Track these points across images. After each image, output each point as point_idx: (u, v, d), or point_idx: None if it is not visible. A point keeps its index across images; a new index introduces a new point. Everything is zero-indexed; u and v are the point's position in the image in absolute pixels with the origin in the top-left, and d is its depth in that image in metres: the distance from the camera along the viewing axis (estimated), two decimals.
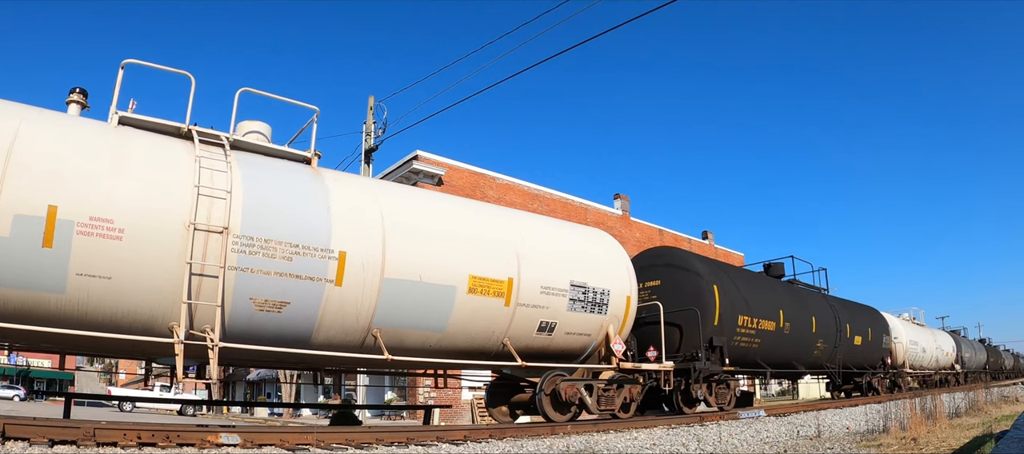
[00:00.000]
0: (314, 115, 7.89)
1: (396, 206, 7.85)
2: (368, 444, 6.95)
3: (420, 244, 7.77)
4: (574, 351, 9.95)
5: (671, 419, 11.00)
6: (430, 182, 25.47)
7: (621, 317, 10.32)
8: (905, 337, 22.96)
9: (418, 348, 8.04)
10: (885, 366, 21.05)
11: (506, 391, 10.73)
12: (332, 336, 7.28)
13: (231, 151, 7.06)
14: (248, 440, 6.24)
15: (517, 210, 9.91)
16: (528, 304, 8.77)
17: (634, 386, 10.64)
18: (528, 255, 8.90)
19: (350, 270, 7.10)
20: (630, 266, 10.83)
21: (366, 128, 21.76)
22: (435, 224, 8.12)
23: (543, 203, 30.64)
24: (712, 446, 9.32)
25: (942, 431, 10.94)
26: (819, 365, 17.44)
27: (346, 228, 7.18)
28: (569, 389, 9.35)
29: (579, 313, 9.51)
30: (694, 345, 12.12)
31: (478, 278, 8.17)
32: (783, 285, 16.60)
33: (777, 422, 11.68)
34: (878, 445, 9.62)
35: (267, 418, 32.62)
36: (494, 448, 7.46)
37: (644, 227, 36.59)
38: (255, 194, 6.78)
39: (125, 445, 5.63)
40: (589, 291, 9.65)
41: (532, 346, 9.19)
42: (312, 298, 6.92)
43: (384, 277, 7.35)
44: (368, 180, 8.24)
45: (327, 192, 7.32)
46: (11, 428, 5.40)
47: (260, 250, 6.61)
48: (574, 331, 9.58)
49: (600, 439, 8.56)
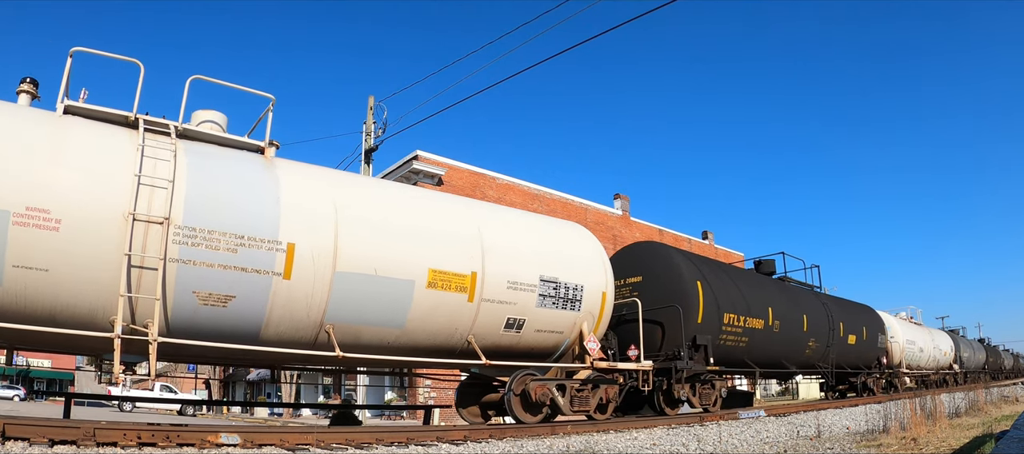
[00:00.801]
0: (270, 104, 7.63)
1: (351, 197, 7.58)
2: (368, 444, 6.94)
3: (375, 236, 7.50)
4: (546, 349, 9.65)
5: (671, 419, 10.93)
6: (430, 182, 25.36)
7: (596, 314, 9.98)
8: (902, 336, 22.56)
9: (376, 345, 7.78)
10: (881, 366, 20.64)
11: (477, 391, 10.45)
12: (282, 332, 7.04)
13: (179, 140, 6.86)
14: (248, 440, 6.22)
15: (482, 201, 9.56)
16: (493, 300, 8.48)
17: (611, 386, 10.31)
18: (493, 248, 8.60)
19: (299, 263, 6.87)
20: (606, 260, 10.48)
21: (366, 128, 21.72)
22: (392, 216, 7.84)
23: (543, 203, 30.50)
24: (712, 446, 9.27)
25: (942, 431, 10.90)
26: (811, 365, 17.05)
27: (296, 219, 6.94)
28: (539, 389, 9.02)
29: (550, 309, 9.20)
30: (676, 344, 11.76)
31: (438, 272, 7.90)
32: (773, 282, 16.23)
33: (777, 422, 11.65)
34: (878, 445, 9.57)
35: (267, 418, 32.62)
36: (494, 448, 7.44)
37: (644, 227, 36.39)
38: (200, 184, 6.56)
39: (125, 445, 5.62)
40: (560, 286, 9.33)
41: (500, 344, 8.91)
42: (259, 292, 6.69)
43: (336, 270, 7.10)
44: (324, 170, 7.94)
45: (277, 182, 7.07)
46: (11, 428, 5.40)
47: (203, 242, 6.40)
48: (545, 328, 9.27)
49: (600, 439, 8.54)
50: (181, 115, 7.00)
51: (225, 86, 7.50)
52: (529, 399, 8.93)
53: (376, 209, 7.74)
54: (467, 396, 10.54)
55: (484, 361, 8.39)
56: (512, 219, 9.65)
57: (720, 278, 13.49)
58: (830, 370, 17.49)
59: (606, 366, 10.05)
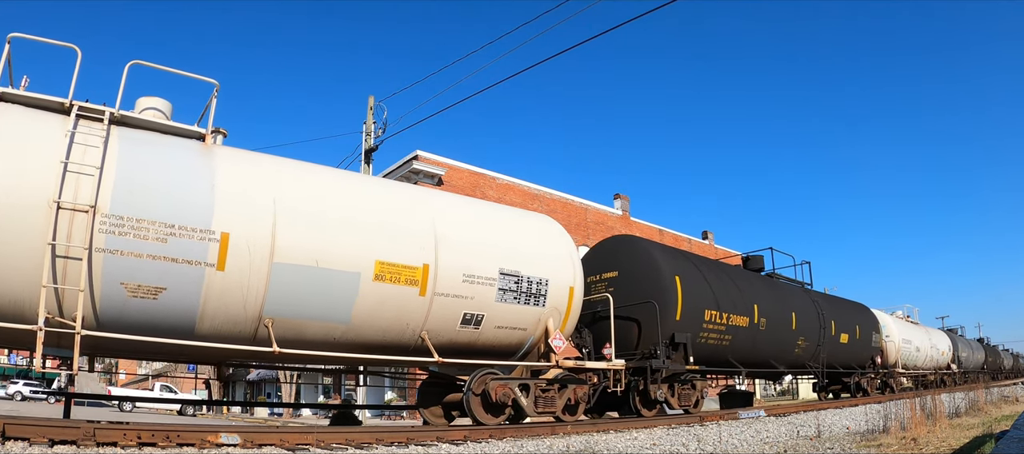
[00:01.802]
0: (214, 89, 7.37)
1: (292, 184, 7.30)
2: (368, 444, 6.91)
3: (317, 226, 7.20)
4: (509, 347, 9.30)
5: (671, 419, 10.89)
6: (430, 182, 25.25)
7: (563, 310, 9.60)
8: (897, 335, 22.07)
9: (322, 341, 7.49)
10: (875, 366, 20.16)
11: (440, 390, 10.09)
12: (219, 326, 6.78)
13: (115, 127, 6.62)
14: (248, 440, 6.19)
15: (438, 191, 9.16)
16: (448, 293, 8.15)
17: (580, 387, 9.93)
18: (448, 239, 8.28)
19: (234, 253, 6.59)
20: (575, 254, 10.11)
21: (366, 128, 21.67)
22: (337, 204, 7.54)
23: (543, 203, 30.35)
24: (712, 446, 9.24)
25: (942, 431, 10.82)
26: (801, 364, 16.55)
27: (231, 208, 6.67)
28: (500, 389, 8.66)
29: (511, 305, 8.84)
30: (653, 342, 11.33)
31: (386, 264, 7.59)
32: (759, 279, 15.73)
33: (777, 422, 11.61)
34: (878, 445, 9.54)
35: (267, 418, 32.58)
36: (494, 448, 7.40)
37: (644, 227, 36.16)
38: (130, 171, 6.32)
39: (125, 445, 5.60)
40: (522, 280, 8.97)
41: (457, 341, 8.59)
42: (191, 284, 6.44)
43: (274, 261, 6.81)
44: (266, 157, 7.63)
45: (213, 170, 6.80)
46: (11, 428, 5.38)
47: (131, 231, 6.15)
48: (506, 325, 8.91)
49: (600, 439, 8.53)
50: (118, 101, 6.74)
51: (167, 71, 7.25)
52: (489, 399, 8.61)
53: (319, 197, 7.44)
54: (429, 395, 10.21)
55: (437, 359, 8.07)
56: (470, 209, 9.31)
57: (702, 274, 13.04)
58: (821, 370, 17.01)
59: (573, 365, 9.66)
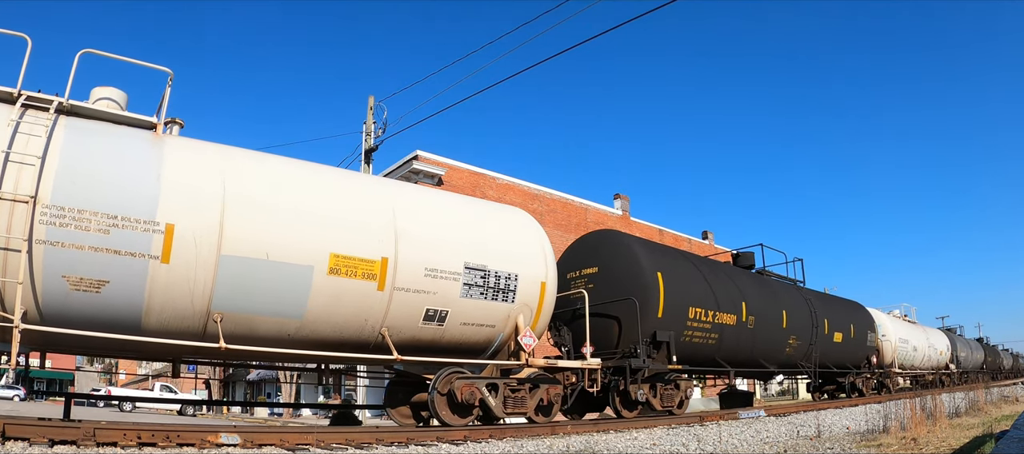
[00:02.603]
0: (169, 78, 7.19)
1: (243, 174, 7.08)
2: (368, 444, 6.91)
3: (268, 217, 6.98)
4: (476, 345, 9.03)
5: (671, 419, 10.80)
6: (430, 182, 25.15)
7: (534, 306, 9.29)
8: (894, 335, 21.65)
9: (275, 337, 7.26)
10: (871, 365, 19.73)
11: (408, 390, 9.80)
12: (166, 321, 6.59)
13: (63, 117, 6.47)
14: (248, 440, 6.18)
15: (399, 182, 8.84)
16: (409, 288, 7.90)
17: (553, 387, 9.62)
18: (409, 232, 8.03)
19: (179, 245, 6.40)
20: (547, 248, 9.81)
21: (366, 128, 21.62)
22: (289, 194, 7.31)
23: (543, 203, 30.22)
24: (712, 446, 9.24)
25: (942, 431, 10.87)
26: (793, 364, 16.13)
27: (177, 198, 6.48)
28: (466, 389, 8.39)
29: (477, 300, 8.57)
30: (633, 340, 10.99)
31: (341, 257, 7.36)
32: (748, 275, 15.32)
33: (777, 422, 11.56)
34: (878, 445, 9.53)
35: (267, 418, 32.56)
36: (494, 448, 7.40)
37: (644, 227, 35.96)
38: (74, 161, 6.15)
39: (125, 445, 5.60)
40: (489, 275, 8.69)
41: (421, 338, 8.34)
42: (135, 277, 6.25)
43: (222, 254, 6.61)
44: (218, 147, 7.41)
45: (161, 159, 6.61)
46: (11, 428, 5.38)
47: (73, 222, 5.98)
48: (472, 321, 8.64)
49: (600, 439, 8.54)
50: (67, 91, 6.58)
51: (119, 60, 7.07)
52: (455, 399, 8.36)
53: (271, 187, 7.22)
54: (397, 395, 9.92)
55: (396, 356, 7.81)
56: (434, 201, 9.05)
57: (686, 270, 12.71)
58: (813, 369, 16.59)
59: (544, 364, 9.35)
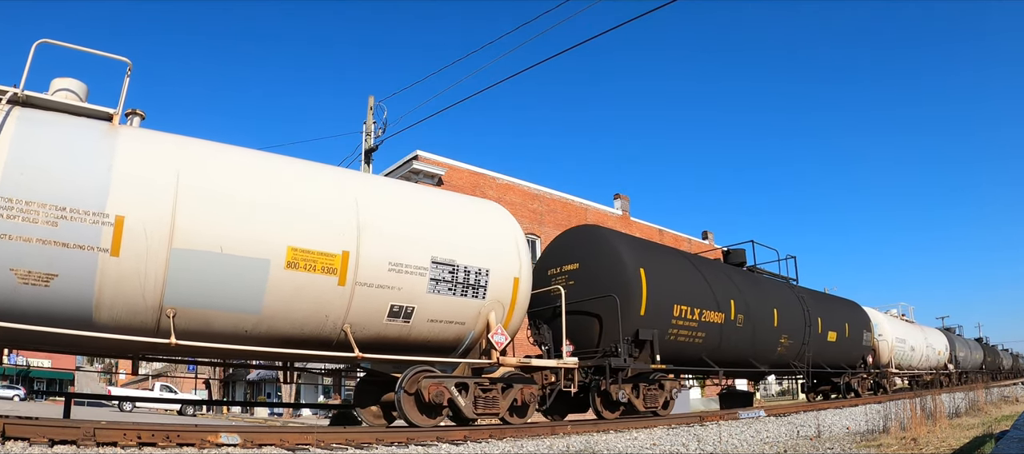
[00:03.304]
0: (127, 68, 7.08)
1: (198, 165, 6.86)
2: (368, 444, 6.88)
3: (222, 208, 6.77)
4: (445, 342, 8.72)
5: (672, 419, 10.71)
6: (430, 182, 25.27)
7: (507, 303, 8.95)
8: (891, 334, 21.30)
9: (231, 333, 7.04)
10: (867, 365, 19.34)
11: (378, 389, 9.45)
12: (118, 316, 6.41)
13: (18, 108, 6.38)
14: (248, 440, 6.16)
15: (360, 173, 8.65)
16: (372, 283, 7.64)
17: (528, 387, 9.29)
18: (372, 225, 7.76)
19: (129, 238, 6.22)
20: (521, 242, 9.43)
21: (366, 128, 21.66)
22: (245, 186, 7.06)
23: (543, 203, 30.42)
24: (712, 446, 9.24)
25: (942, 431, 10.87)
26: (785, 364, 15.63)
27: (128, 190, 6.30)
28: (433, 388, 8.06)
29: (445, 296, 8.30)
30: (614, 339, 10.59)
31: (300, 250, 7.13)
32: (738, 273, 14.87)
33: (777, 422, 11.56)
34: (878, 445, 9.56)
35: (267, 418, 32.64)
36: (494, 448, 7.40)
37: (644, 227, 36.18)
38: (24, 152, 6.03)
39: (125, 445, 5.58)
40: (458, 270, 8.41)
41: (386, 335, 8.05)
42: (84, 270, 6.09)
43: (173, 247, 6.43)
44: (173, 137, 7.18)
45: (113, 150, 6.42)
46: (11, 428, 5.36)
47: (20, 214, 5.86)
48: (440, 318, 8.36)
49: (600, 439, 8.52)
50: (23, 82, 6.49)
51: (77, 50, 7.01)
52: (423, 399, 8.11)
53: (225, 178, 6.99)
54: (367, 394, 9.59)
55: (357, 354, 7.55)
56: (400, 193, 8.69)
57: (671, 266, 12.33)
58: (806, 369, 16.13)
59: (516, 363, 9.02)
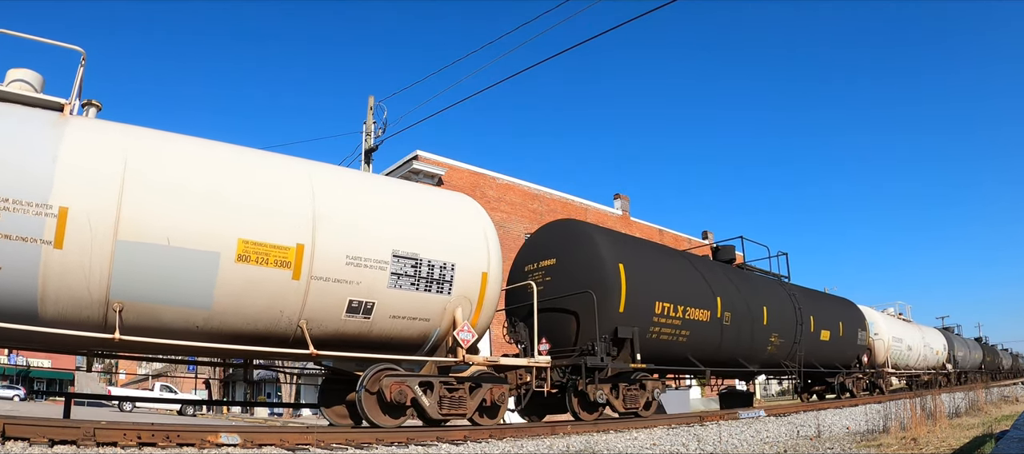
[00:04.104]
0: (81, 57, 7.01)
1: (146, 154, 6.68)
2: (368, 444, 6.88)
3: (169, 199, 6.58)
4: (410, 340, 8.43)
5: (672, 419, 10.68)
6: (430, 182, 25.31)
7: (474, 299, 8.70)
8: (887, 333, 20.91)
9: (181, 329, 6.84)
10: (862, 365, 18.94)
11: (343, 388, 9.18)
12: (64, 310, 6.26)
13: None
14: (248, 440, 6.16)
15: (316, 162, 8.36)
16: (328, 278, 7.43)
17: (498, 386, 9.00)
18: (329, 217, 7.54)
19: (73, 230, 6.08)
20: (491, 236, 9.12)
21: (366, 128, 21.67)
22: (194, 176, 6.86)
23: (543, 203, 30.40)
24: (712, 446, 9.24)
25: (942, 431, 10.83)
26: (775, 363, 15.24)
27: (73, 180, 6.16)
28: (394, 387, 7.79)
29: (408, 292, 8.05)
30: (591, 337, 10.31)
31: (251, 243, 6.93)
32: (725, 269, 14.51)
33: (777, 422, 11.57)
34: (878, 445, 9.56)
35: (267, 418, 32.63)
36: (494, 448, 7.39)
37: (644, 227, 36.16)
38: None
39: (125, 445, 5.59)
40: (421, 264, 8.16)
41: (345, 331, 7.82)
42: (27, 263, 5.95)
43: (118, 239, 6.26)
44: (123, 127, 6.98)
45: (60, 140, 6.29)
46: (11, 428, 5.37)
47: None
48: (403, 314, 8.11)
49: (600, 439, 8.53)
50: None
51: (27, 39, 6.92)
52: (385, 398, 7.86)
53: (175, 168, 6.80)
54: (331, 393, 9.34)
55: (312, 351, 7.36)
56: (359, 184, 8.40)
57: (653, 262, 12.00)
58: (798, 369, 15.73)
59: (483, 361, 8.78)
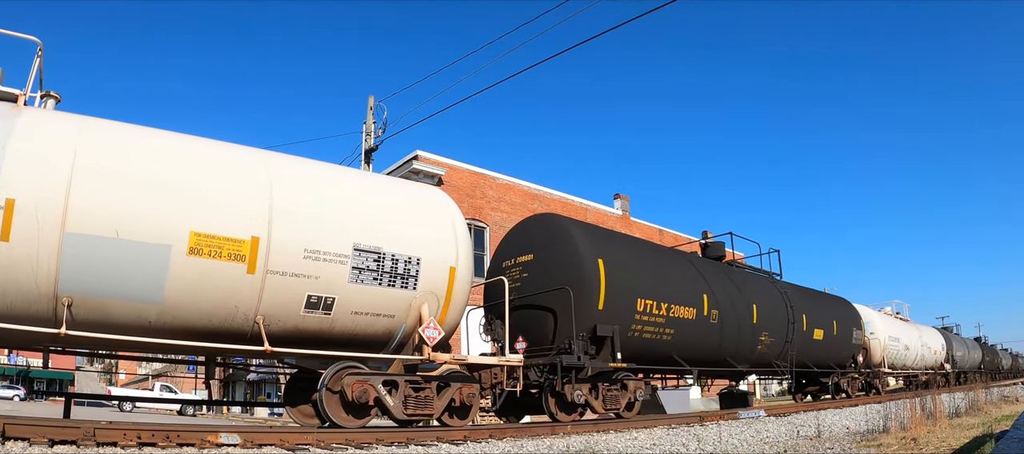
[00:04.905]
0: (38, 48, 6.93)
1: (98, 145, 6.52)
2: (368, 444, 6.87)
3: (119, 190, 6.40)
4: (374, 337, 8.15)
5: (672, 419, 10.65)
6: (430, 182, 25.36)
7: (441, 295, 8.46)
8: (883, 332, 20.57)
9: (134, 324, 6.67)
10: (857, 365, 18.61)
11: (308, 387, 8.96)
12: (12, 304, 6.15)
13: None
14: (248, 440, 6.15)
15: (274, 153, 8.12)
16: (285, 272, 7.22)
17: (468, 385, 8.75)
18: (287, 209, 7.33)
19: (20, 222, 5.96)
20: (460, 229, 8.84)
21: (366, 128, 21.65)
22: (147, 167, 6.68)
23: (543, 203, 30.38)
24: (712, 446, 9.26)
25: (942, 431, 10.72)
26: (766, 363, 14.90)
27: (20, 170, 6.03)
28: (356, 386, 7.55)
29: (370, 287, 7.80)
30: (569, 334, 10.00)
31: (204, 235, 6.75)
32: (713, 266, 14.17)
33: (777, 422, 11.56)
34: (878, 445, 9.54)
35: (267, 418, 32.63)
36: (494, 448, 7.38)
37: (644, 227, 36.09)
38: None
39: (125, 445, 5.59)
40: (384, 258, 7.89)
41: (305, 328, 7.54)
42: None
43: (66, 231, 6.13)
44: (77, 117, 6.85)
45: (11, 130, 6.18)
46: (11, 428, 5.38)
47: None
48: (365, 310, 7.84)
49: (600, 439, 8.53)
50: None
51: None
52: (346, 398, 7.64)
53: (125, 159, 6.61)
54: (297, 392, 9.11)
55: (267, 348, 7.14)
56: (319, 175, 8.12)
57: (635, 257, 11.68)
58: (790, 369, 15.40)
59: (449, 359, 8.52)
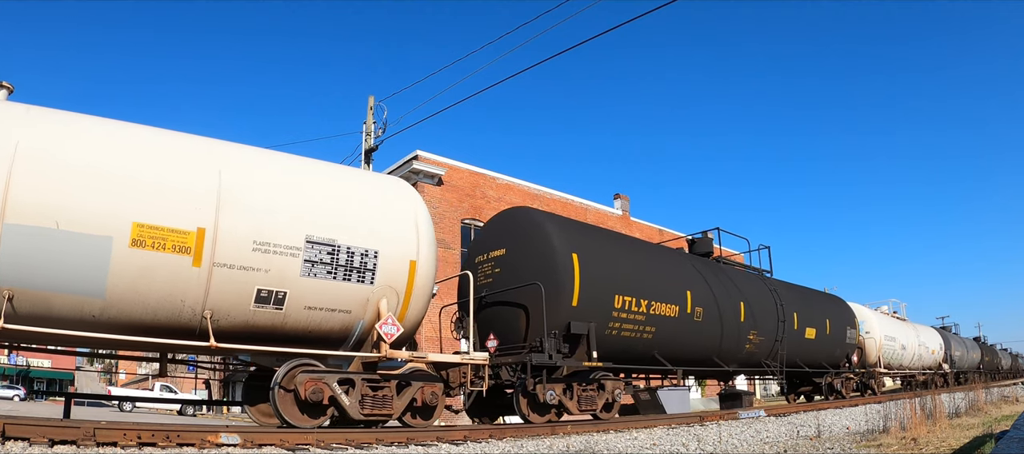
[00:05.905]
0: None
1: (40, 134, 6.36)
2: (368, 444, 6.87)
3: (58, 179, 6.23)
4: (330, 333, 7.89)
5: (672, 419, 10.57)
6: (430, 182, 25.32)
7: (401, 289, 8.16)
8: (879, 332, 20.09)
9: (77, 319, 6.47)
10: (851, 365, 18.23)
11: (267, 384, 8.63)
12: None
13: None
14: (248, 440, 6.15)
15: (222, 141, 7.85)
16: (233, 264, 6.95)
17: (430, 385, 8.47)
18: (235, 199, 7.02)
19: None
20: (422, 221, 8.54)
21: (366, 128, 21.62)
22: (87, 155, 6.48)
23: (543, 203, 30.33)
24: (712, 446, 9.22)
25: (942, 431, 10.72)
26: (755, 362, 14.51)
27: None
28: (309, 385, 7.30)
29: (324, 280, 7.53)
30: (540, 332, 9.65)
31: (146, 227, 6.52)
32: (697, 262, 13.75)
33: (777, 422, 11.53)
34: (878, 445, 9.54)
35: None
36: (494, 448, 7.38)
37: (644, 227, 36.01)
38: None
39: (125, 445, 5.59)
40: (339, 251, 7.57)
41: (256, 323, 7.27)
42: None
43: (5, 222, 5.97)
44: (23, 107, 6.70)
45: None
46: (11, 428, 5.38)
47: None
48: (319, 305, 7.53)
49: (600, 439, 8.54)
50: None
51: None
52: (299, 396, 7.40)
53: (67, 147, 6.43)
54: (255, 391, 8.83)
55: (212, 344, 6.89)
56: (270, 165, 7.80)
57: (612, 252, 11.30)
58: (780, 368, 14.98)
59: (408, 357, 8.26)
